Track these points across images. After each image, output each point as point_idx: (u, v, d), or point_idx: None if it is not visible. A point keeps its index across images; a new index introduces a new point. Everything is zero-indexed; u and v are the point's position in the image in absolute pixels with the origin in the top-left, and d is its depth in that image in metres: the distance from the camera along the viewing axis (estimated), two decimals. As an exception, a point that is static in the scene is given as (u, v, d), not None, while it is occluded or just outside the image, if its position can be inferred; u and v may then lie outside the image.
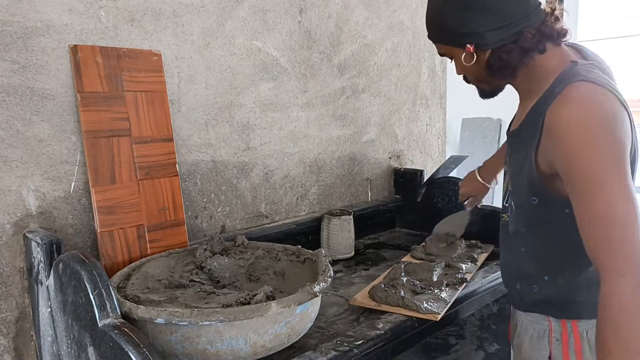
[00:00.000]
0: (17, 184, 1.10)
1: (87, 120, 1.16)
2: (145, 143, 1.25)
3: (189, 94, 1.38)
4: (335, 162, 1.82)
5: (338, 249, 1.61)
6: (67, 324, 0.99)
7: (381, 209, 1.92)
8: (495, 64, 1.00)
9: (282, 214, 1.66)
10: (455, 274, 1.35)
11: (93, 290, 0.89)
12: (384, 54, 1.95)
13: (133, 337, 0.82)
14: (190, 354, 0.91)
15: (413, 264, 1.42)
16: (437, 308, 1.16)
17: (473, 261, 1.47)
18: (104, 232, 1.17)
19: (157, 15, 1.30)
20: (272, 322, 0.93)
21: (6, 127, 1.08)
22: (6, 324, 1.13)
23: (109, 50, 1.20)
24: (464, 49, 0.99)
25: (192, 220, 1.42)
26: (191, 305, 0.99)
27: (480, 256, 1.53)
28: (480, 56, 1.01)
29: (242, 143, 1.52)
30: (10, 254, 1.12)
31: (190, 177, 1.41)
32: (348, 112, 1.84)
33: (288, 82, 1.63)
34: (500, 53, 0.98)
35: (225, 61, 1.45)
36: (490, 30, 0.96)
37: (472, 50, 0.99)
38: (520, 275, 1.12)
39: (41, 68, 1.12)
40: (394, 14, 1.97)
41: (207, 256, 1.20)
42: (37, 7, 1.10)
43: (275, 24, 1.57)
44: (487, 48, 0.98)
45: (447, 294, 1.23)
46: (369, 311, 1.21)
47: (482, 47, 0.99)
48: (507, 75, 1.02)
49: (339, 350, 0.99)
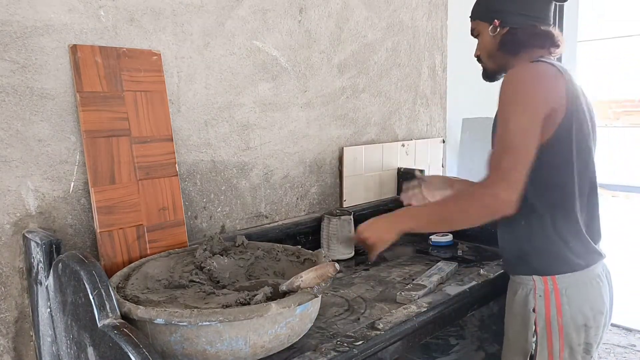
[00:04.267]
0: (16, 184, 1.10)
1: (87, 120, 1.16)
2: (144, 143, 1.25)
3: (189, 94, 1.38)
4: (335, 162, 1.81)
5: (338, 249, 1.61)
6: (66, 324, 0.99)
7: (381, 208, 1.91)
8: (508, 39, 1.28)
9: (282, 214, 1.66)
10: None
11: (92, 291, 0.89)
12: (384, 54, 1.95)
13: (132, 337, 0.81)
14: (190, 354, 0.91)
15: None
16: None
17: None
18: (103, 232, 1.17)
19: (157, 15, 1.29)
20: (272, 322, 0.93)
21: (6, 127, 1.08)
22: (6, 324, 1.13)
23: (109, 50, 1.20)
24: (492, 23, 1.30)
25: (191, 220, 1.42)
26: (191, 306, 0.99)
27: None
28: (500, 32, 1.29)
29: (242, 143, 1.52)
30: (10, 254, 1.11)
31: (190, 177, 1.41)
32: (348, 112, 1.84)
33: (288, 82, 1.62)
34: (515, 32, 1.27)
35: (225, 61, 1.45)
36: (515, 14, 1.27)
37: (498, 24, 1.29)
38: (505, 240, 1.31)
39: (41, 68, 1.12)
40: (394, 14, 1.97)
41: (207, 256, 1.20)
42: (36, 7, 1.10)
43: (275, 24, 1.56)
44: (507, 26, 1.28)
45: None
46: (369, 311, 1.21)
47: (504, 24, 1.29)
48: (511, 51, 1.28)
49: (339, 350, 0.99)
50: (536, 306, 1.24)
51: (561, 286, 1.22)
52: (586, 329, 1.22)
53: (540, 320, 1.23)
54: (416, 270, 1.51)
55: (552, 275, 1.22)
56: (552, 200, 1.22)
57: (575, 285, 1.22)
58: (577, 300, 1.22)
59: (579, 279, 1.22)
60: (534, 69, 1.19)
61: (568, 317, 1.22)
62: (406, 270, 1.51)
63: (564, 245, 1.22)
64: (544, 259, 1.23)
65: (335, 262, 0.97)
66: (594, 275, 1.24)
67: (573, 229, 1.22)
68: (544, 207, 1.22)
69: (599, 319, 1.24)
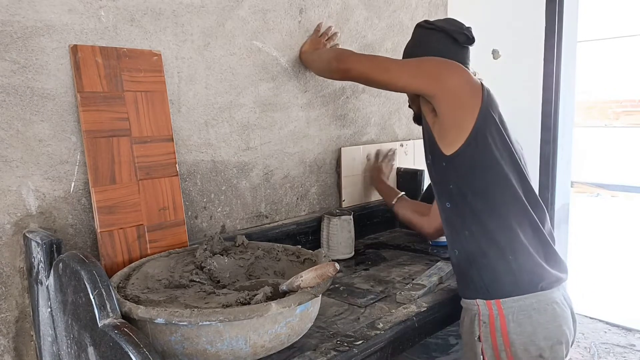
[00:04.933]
0: (17, 184, 1.10)
1: (87, 120, 1.16)
2: (145, 143, 1.25)
3: (189, 94, 1.38)
4: (335, 162, 1.82)
5: (338, 249, 1.62)
6: (67, 324, 0.99)
7: (381, 209, 1.92)
8: None
9: (282, 214, 1.66)
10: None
11: (93, 290, 0.89)
12: (384, 54, 1.95)
13: (133, 337, 0.82)
14: (190, 354, 0.91)
15: None
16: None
17: None
18: (104, 232, 1.17)
19: (157, 15, 1.30)
20: (272, 322, 0.93)
21: (6, 127, 1.08)
22: (6, 324, 1.13)
23: (109, 50, 1.20)
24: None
25: (192, 220, 1.42)
26: (191, 305, 0.99)
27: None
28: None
29: (242, 143, 1.52)
30: (10, 254, 1.12)
31: (190, 177, 1.41)
32: (348, 112, 1.84)
33: (288, 82, 1.63)
34: None
35: (225, 61, 1.45)
36: (419, 56, 1.33)
37: None
38: (452, 259, 1.27)
39: (41, 68, 1.12)
40: (394, 14, 1.97)
41: (207, 256, 1.20)
42: (37, 7, 1.10)
43: (275, 24, 1.57)
44: None
45: None
46: (369, 311, 1.21)
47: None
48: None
49: (339, 350, 0.99)
50: (481, 334, 1.14)
51: (507, 312, 1.11)
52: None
53: (487, 350, 1.13)
54: (416, 270, 1.51)
55: (497, 299, 1.12)
56: (482, 206, 1.15)
57: (524, 311, 1.10)
58: (528, 328, 1.10)
59: (528, 303, 1.10)
60: (447, 61, 1.24)
61: (517, 348, 1.10)
62: (406, 270, 1.51)
63: (506, 262, 1.12)
64: (485, 277, 1.14)
65: (335, 262, 0.97)
66: (548, 300, 1.12)
67: (515, 243, 1.13)
68: (476, 213, 1.15)
69: (558, 350, 1.11)
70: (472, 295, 1.18)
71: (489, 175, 1.15)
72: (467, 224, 1.18)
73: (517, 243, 1.13)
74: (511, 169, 1.17)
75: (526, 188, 1.19)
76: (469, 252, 1.18)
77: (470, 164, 1.16)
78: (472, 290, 1.18)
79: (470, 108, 1.16)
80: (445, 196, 1.23)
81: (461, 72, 1.22)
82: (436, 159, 1.23)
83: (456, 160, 1.17)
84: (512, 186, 1.16)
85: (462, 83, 1.19)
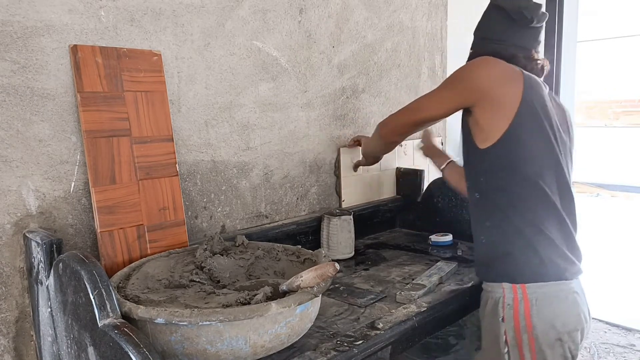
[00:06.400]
0: (17, 184, 1.10)
1: (87, 120, 1.16)
2: (145, 143, 1.25)
3: (189, 94, 1.38)
4: (335, 162, 1.81)
5: (338, 249, 1.62)
6: (67, 324, 0.99)
7: (381, 208, 1.92)
8: (469, 59, 1.40)
9: (282, 214, 1.66)
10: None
11: (93, 290, 0.89)
12: (384, 54, 1.95)
13: (133, 337, 0.82)
14: (190, 354, 0.91)
15: None
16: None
17: None
18: (104, 232, 1.17)
19: (157, 15, 1.30)
20: (272, 322, 0.93)
21: (6, 127, 1.08)
22: (6, 324, 1.13)
23: (109, 50, 1.20)
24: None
25: (192, 220, 1.42)
26: (191, 305, 0.99)
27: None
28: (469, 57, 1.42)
29: (242, 143, 1.52)
30: (10, 254, 1.12)
31: (190, 177, 1.41)
32: (348, 112, 1.84)
33: (288, 82, 1.63)
34: (474, 52, 1.41)
35: (225, 61, 1.45)
36: (478, 38, 1.40)
37: (470, 53, 1.44)
38: (475, 243, 1.31)
39: (41, 68, 1.12)
40: (394, 14, 1.97)
41: (207, 256, 1.20)
42: (37, 7, 1.10)
43: (275, 24, 1.57)
44: (472, 49, 1.42)
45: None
46: (369, 311, 1.21)
47: (471, 49, 1.43)
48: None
49: (339, 350, 0.99)
50: (505, 316, 1.19)
51: (531, 296, 1.16)
52: (562, 344, 1.16)
53: (509, 331, 1.18)
54: (416, 270, 1.51)
55: (522, 284, 1.17)
56: (509, 202, 1.19)
57: (546, 298, 1.16)
58: (548, 314, 1.16)
59: (551, 291, 1.17)
60: (484, 58, 1.24)
61: (539, 331, 1.16)
62: (406, 270, 1.51)
63: (532, 252, 1.17)
64: (511, 265, 1.19)
65: (335, 262, 0.97)
66: (569, 289, 1.18)
67: (540, 237, 1.17)
68: (502, 209, 1.20)
69: (575, 336, 1.18)
70: (498, 279, 1.22)
71: (517, 176, 1.18)
72: (494, 217, 1.23)
73: (542, 237, 1.18)
74: (546, 163, 1.19)
75: (560, 181, 1.21)
76: (495, 242, 1.23)
77: (500, 163, 1.19)
78: (498, 274, 1.22)
79: (508, 105, 1.17)
80: (475, 187, 1.28)
81: (488, 70, 1.20)
82: (471, 150, 1.27)
83: (488, 156, 1.21)
84: (540, 188, 1.18)
85: (493, 82, 1.19)
